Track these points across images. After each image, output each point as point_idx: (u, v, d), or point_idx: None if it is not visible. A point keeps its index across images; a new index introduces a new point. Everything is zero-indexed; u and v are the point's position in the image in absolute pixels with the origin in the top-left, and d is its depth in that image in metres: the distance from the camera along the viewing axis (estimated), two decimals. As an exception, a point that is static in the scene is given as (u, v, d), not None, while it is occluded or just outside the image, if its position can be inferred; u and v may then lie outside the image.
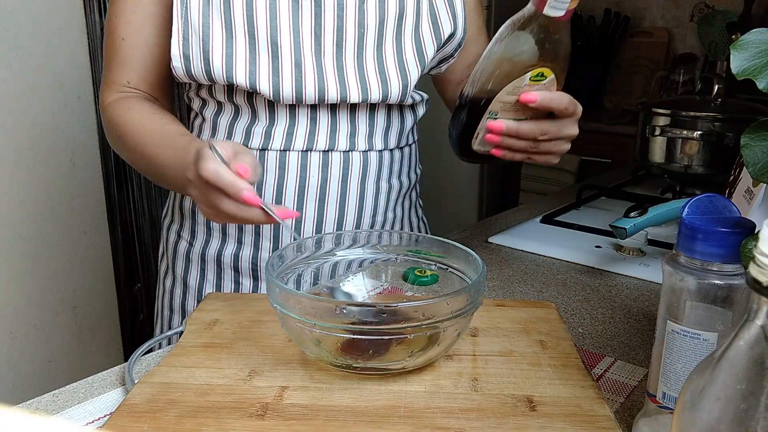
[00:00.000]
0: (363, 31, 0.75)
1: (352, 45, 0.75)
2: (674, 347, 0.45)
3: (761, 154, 0.41)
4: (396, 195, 0.86)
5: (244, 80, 0.73)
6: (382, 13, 0.76)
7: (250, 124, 0.78)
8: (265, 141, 0.78)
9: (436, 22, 0.80)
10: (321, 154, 0.78)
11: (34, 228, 1.64)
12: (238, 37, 0.72)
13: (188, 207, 0.85)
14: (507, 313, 0.67)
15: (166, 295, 0.89)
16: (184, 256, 0.86)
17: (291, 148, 0.78)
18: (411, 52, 0.78)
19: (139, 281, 1.94)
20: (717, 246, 0.42)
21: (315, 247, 0.66)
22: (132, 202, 1.89)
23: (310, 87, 0.74)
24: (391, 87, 0.77)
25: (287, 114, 0.77)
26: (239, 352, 0.59)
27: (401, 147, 0.86)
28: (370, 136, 0.81)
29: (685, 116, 1.17)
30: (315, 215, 0.80)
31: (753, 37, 0.40)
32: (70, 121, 1.65)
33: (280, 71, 0.73)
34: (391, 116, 0.82)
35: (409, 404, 0.51)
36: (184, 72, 0.74)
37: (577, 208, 1.14)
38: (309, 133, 0.78)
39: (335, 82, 0.75)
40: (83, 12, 1.67)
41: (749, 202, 0.61)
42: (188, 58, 0.73)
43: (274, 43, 0.73)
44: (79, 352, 1.79)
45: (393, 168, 0.85)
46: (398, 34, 0.77)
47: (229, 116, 0.79)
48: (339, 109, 0.78)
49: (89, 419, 0.52)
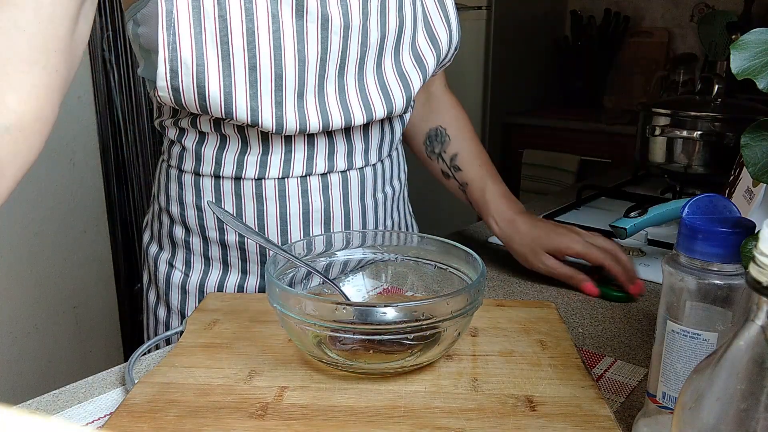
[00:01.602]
0: (365, 49, 0.71)
1: (354, 65, 0.71)
2: (674, 347, 0.45)
3: (761, 154, 0.41)
4: (391, 202, 0.86)
5: (245, 115, 0.67)
6: (383, 28, 0.72)
7: (241, 154, 0.72)
8: (261, 170, 0.73)
9: (431, 30, 0.77)
10: (320, 178, 0.75)
11: (34, 228, 1.64)
12: (237, 70, 0.65)
13: (180, 237, 0.79)
14: (507, 313, 0.67)
15: (160, 326, 0.85)
16: (180, 288, 0.80)
17: (290, 174, 0.74)
18: (410, 63, 0.76)
19: (139, 281, 1.94)
20: (717, 246, 0.42)
21: (319, 247, 0.66)
22: (132, 202, 1.89)
23: (314, 119, 0.70)
24: (395, 101, 0.74)
25: (282, 141, 0.72)
26: (239, 352, 0.59)
27: (389, 154, 0.84)
28: (365, 152, 0.79)
29: (685, 116, 1.17)
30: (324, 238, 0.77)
31: (753, 37, 0.40)
32: (70, 121, 1.65)
33: (284, 105, 0.68)
34: (383, 129, 0.80)
35: (409, 404, 0.51)
36: (173, 103, 0.67)
37: (577, 208, 1.14)
38: (307, 158, 0.74)
39: (338, 109, 0.71)
40: (83, 12, 1.66)
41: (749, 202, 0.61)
42: (178, 91, 0.65)
43: (278, 75, 0.66)
44: (79, 352, 1.79)
45: (385, 177, 0.83)
46: (396, 46, 0.74)
47: (214, 146, 0.73)
48: (336, 131, 0.75)
49: (89, 419, 0.52)
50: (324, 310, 0.51)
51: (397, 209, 0.88)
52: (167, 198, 0.79)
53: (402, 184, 0.89)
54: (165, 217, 0.80)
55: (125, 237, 1.89)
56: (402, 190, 0.89)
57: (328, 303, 0.52)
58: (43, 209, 1.65)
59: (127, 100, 1.82)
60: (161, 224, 0.81)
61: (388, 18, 0.72)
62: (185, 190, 0.76)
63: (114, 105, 1.79)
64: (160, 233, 0.82)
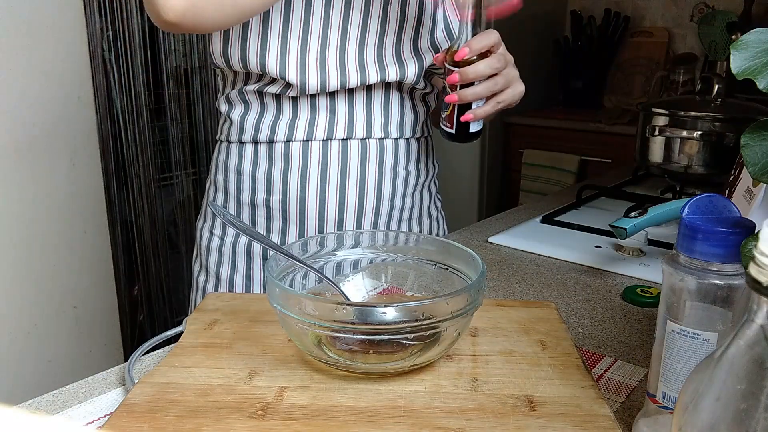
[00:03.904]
0: (385, 29, 0.82)
1: (374, 38, 0.81)
2: (674, 347, 0.45)
3: (761, 154, 0.41)
4: (414, 182, 0.91)
5: (276, 67, 0.78)
6: (402, 15, 0.82)
7: (275, 120, 0.84)
8: (289, 133, 0.83)
9: (449, 30, 0.86)
10: (340, 143, 0.84)
11: (34, 228, 1.63)
12: (274, 22, 0.77)
13: (220, 203, 0.90)
14: (507, 313, 0.67)
15: (199, 291, 0.94)
16: (217, 251, 0.91)
17: (313, 138, 0.84)
18: (426, 46, 0.85)
19: (139, 281, 1.95)
20: (717, 246, 0.42)
21: (318, 246, 0.66)
22: (132, 202, 1.89)
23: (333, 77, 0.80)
24: (407, 69, 0.83)
25: (308, 106, 0.83)
26: (239, 352, 0.59)
27: (417, 137, 0.91)
28: (385, 125, 0.86)
29: (685, 116, 1.17)
30: (337, 199, 0.85)
31: (753, 37, 0.40)
32: (70, 121, 1.65)
33: (307, 61, 0.79)
34: (404, 106, 0.88)
35: (409, 404, 0.51)
36: (220, 51, 0.80)
37: (577, 208, 1.14)
38: (329, 124, 0.83)
39: (356, 70, 0.81)
40: (83, 12, 1.66)
41: (749, 202, 0.61)
42: (227, 40, 0.79)
43: (306, 30, 0.78)
44: (79, 352, 1.79)
45: (410, 156, 0.90)
46: (416, 33, 0.84)
47: (255, 115, 0.85)
48: (356, 98, 0.84)
49: (89, 419, 0.52)
50: (324, 310, 0.51)
51: (420, 193, 0.93)
52: (216, 169, 0.90)
53: (429, 174, 0.95)
54: (211, 189, 0.92)
55: (125, 237, 1.89)
56: (429, 180, 0.95)
57: (328, 303, 0.52)
58: (43, 209, 1.65)
59: (127, 100, 1.82)
60: (207, 196, 0.94)
61: (408, 8, 0.82)
62: (230, 157, 0.88)
63: (114, 105, 1.79)
64: (205, 206, 0.95)
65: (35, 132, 1.57)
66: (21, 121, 1.54)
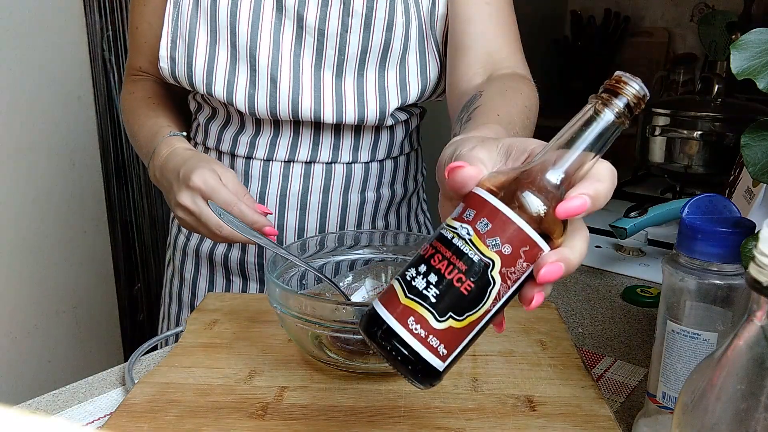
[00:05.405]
0: (343, 57, 0.74)
1: (331, 66, 0.74)
2: (674, 347, 0.45)
3: (761, 154, 0.41)
4: (387, 204, 0.84)
5: (222, 92, 0.73)
6: (365, 43, 0.73)
7: (238, 133, 0.79)
8: (250, 150, 0.78)
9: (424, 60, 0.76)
10: (303, 165, 0.78)
11: (34, 228, 1.63)
12: (221, 46, 0.72)
13: None
14: (507, 313, 0.66)
15: (167, 285, 0.92)
16: (182, 249, 0.88)
17: (274, 158, 0.78)
18: (394, 82, 0.76)
19: (139, 281, 1.94)
20: (717, 246, 0.42)
21: (317, 246, 0.66)
22: (132, 202, 1.89)
23: (284, 104, 0.73)
24: (368, 111, 0.75)
25: (271, 125, 0.77)
26: (239, 352, 0.59)
27: (393, 157, 0.83)
28: (355, 150, 0.79)
29: (685, 116, 1.17)
30: (296, 223, 0.80)
31: (753, 37, 0.40)
32: (70, 121, 1.65)
33: (257, 85, 0.73)
34: (379, 132, 0.80)
35: (409, 404, 0.51)
36: (169, 73, 0.75)
37: (577, 208, 1.14)
38: (291, 145, 0.78)
39: (310, 100, 0.73)
40: (83, 12, 1.66)
41: (749, 202, 0.61)
42: (174, 61, 0.74)
43: (253, 56, 0.72)
44: (79, 352, 1.79)
45: (383, 178, 0.83)
46: (382, 63, 0.75)
47: (219, 123, 0.80)
48: (322, 124, 0.77)
49: (89, 419, 0.52)
50: (324, 310, 0.51)
51: (395, 213, 0.87)
52: None
53: (409, 190, 0.88)
54: None
55: (125, 237, 1.89)
56: (408, 196, 0.88)
57: (328, 303, 0.52)
58: (43, 209, 1.65)
59: (127, 100, 1.82)
60: None
61: (372, 34, 0.73)
62: None
63: (114, 105, 1.79)
64: None
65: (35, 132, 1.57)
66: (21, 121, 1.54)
